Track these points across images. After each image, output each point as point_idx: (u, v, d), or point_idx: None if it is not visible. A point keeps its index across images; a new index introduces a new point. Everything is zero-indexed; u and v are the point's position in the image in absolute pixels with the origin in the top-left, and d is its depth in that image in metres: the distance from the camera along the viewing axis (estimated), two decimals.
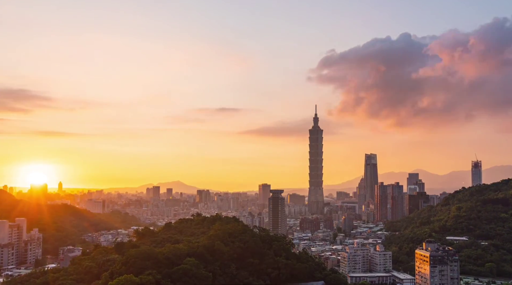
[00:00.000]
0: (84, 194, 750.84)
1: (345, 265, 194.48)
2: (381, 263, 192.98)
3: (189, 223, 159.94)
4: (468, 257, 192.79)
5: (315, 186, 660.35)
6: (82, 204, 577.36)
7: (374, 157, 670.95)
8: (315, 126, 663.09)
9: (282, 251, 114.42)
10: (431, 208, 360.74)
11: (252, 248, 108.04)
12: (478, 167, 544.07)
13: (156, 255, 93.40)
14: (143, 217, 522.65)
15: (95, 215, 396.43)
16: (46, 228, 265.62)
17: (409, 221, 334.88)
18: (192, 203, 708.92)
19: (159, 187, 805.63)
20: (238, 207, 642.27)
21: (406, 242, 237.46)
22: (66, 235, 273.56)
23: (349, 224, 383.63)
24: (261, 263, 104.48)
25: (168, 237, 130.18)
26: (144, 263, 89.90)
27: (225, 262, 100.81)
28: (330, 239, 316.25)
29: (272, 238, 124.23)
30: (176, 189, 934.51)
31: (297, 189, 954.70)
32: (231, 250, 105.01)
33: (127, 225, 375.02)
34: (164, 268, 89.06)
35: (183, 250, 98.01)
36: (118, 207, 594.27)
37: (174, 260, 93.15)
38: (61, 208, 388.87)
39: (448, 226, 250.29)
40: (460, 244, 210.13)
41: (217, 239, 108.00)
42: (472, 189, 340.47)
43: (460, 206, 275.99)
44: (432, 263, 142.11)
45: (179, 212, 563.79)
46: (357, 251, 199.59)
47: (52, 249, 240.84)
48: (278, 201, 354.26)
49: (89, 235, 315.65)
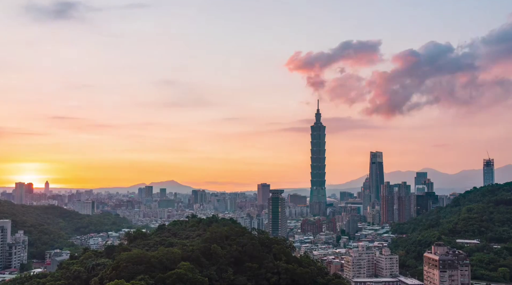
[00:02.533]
0: (72, 194, 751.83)
1: (349, 269, 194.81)
2: (387, 268, 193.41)
3: (183, 225, 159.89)
4: (480, 261, 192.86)
5: (317, 186, 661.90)
6: (70, 204, 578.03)
7: (380, 154, 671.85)
8: (317, 122, 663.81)
9: (282, 255, 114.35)
10: (440, 209, 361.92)
11: (250, 252, 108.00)
12: (490, 165, 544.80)
13: (149, 259, 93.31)
14: (135, 218, 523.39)
15: (84, 217, 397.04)
16: (32, 230, 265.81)
17: (416, 223, 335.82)
18: (187, 203, 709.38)
19: (152, 186, 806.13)
20: (235, 208, 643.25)
21: (413, 245, 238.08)
22: (53, 238, 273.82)
23: (353, 226, 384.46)
24: (260, 268, 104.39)
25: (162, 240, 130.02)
26: (136, 268, 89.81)
27: (222, 267, 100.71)
28: (333, 242, 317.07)
29: (271, 241, 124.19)
30: (170, 189, 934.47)
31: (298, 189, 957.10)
32: (228, 253, 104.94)
33: (118, 227, 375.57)
34: (157, 273, 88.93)
35: (177, 254, 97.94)
36: (108, 208, 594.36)
37: (168, 264, 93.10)
38: (47, 209, 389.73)
39: (459, 228, 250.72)
40: (471, 248, 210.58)
41: (214, 242, 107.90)
42: (483, 189, 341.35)
43: (471, 207, 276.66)
44: (442, 268, 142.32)
45: (173, 213, 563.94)
46: (362, 255, 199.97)
47: (38, 252, 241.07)
48: (278, 201, 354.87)
49: (78, 237, 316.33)
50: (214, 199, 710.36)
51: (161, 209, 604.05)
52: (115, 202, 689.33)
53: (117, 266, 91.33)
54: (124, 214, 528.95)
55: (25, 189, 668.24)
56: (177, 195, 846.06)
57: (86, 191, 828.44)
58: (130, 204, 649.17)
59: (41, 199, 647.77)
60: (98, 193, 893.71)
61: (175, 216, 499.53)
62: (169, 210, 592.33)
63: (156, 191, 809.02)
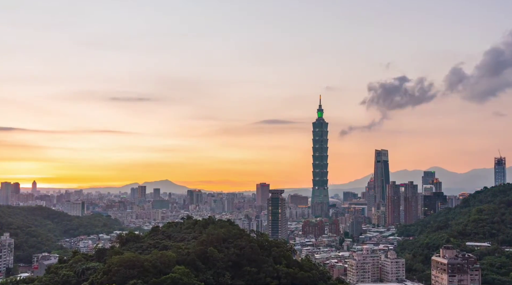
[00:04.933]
0: (61, 195, 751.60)
1: (353, 274, 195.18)
2: (393, 272, 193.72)
3: (178, 227, 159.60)
4: (491, 265, 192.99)
5: (319, 186, 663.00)
6: (59, 205, 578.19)
7: (386, 153, 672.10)
8: (319, 118, 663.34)
9: (282, 258, 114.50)
10: (449, 210, 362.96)
11: (249, 255, 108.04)
12: (502, 164, 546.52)
13: (142, 262, 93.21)
14: (127, 220, 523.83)
15: (73, 218, 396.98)
16: (18, 232, 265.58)
17: (424, 225, 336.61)
18: (182, 204, 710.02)
19: (145, 186, 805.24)
20: (233, 209, 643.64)
21: (421, 248, 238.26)
22: (41, 241, 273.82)
23: (357, 228, 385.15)
24: (259, 272, 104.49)
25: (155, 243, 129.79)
26: (128, 272, 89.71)
27: (219, 271, 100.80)
28: (336, 245, 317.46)
29: (271, 244, 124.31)
30: (164, 189, 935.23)
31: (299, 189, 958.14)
32: (226, 257, 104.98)
33: (109, 229, 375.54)
34: (151, 277, 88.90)
35: (171, 257, 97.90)
36: (99, 208, 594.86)
37: (162, 268, 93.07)
38: (35, 210, 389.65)
39: (468, 231, 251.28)
40: (481, 251, 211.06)
41: (210, 245, 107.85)
42: (495, 189, 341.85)
43: (481, 208, 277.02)
44: (450, 272, 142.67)
45: (167, 214, 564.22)
46: (366, 258, 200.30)
47: (25, 256, 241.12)
48: (278, 202, 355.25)
49: (67, 240, 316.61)
50: (211, 200, 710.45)
51: (155, 210, 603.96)
52: (106, 202, 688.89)
53: (108, 270, 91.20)
54: (115, 215, 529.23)
55: (11, 189, 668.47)
56: (171, 195, 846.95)
57: (76, 191, 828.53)
58: (122, 204, 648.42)
59: (28, 200, 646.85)
60: (89, 193, 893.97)
61: (170, 217, 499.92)
62: (163, 211, 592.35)
63: (149, 191, 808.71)
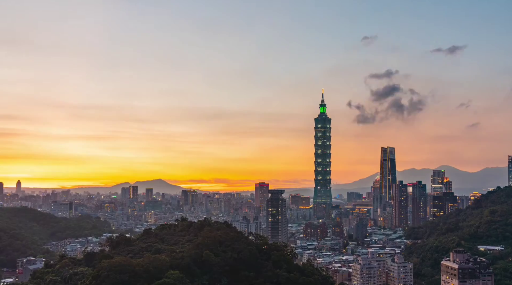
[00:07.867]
0: (48, 195, 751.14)
1: (357, 279, 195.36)
2: (400, 277, 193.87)
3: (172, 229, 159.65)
4: (504, 270, 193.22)
5: (321, 186, 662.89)
6: (45, 206, 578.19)
7: (392, 151, 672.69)
8: (322, 114, 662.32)
9: (282, 263, 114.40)
10: (460, 211, 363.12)
11: (247, 259, 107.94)
12: None
13: (133, 267, 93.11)
14: (118, 222, 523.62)
15: (60, 220, 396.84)
16: (1, 235, 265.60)
17: (433, 227, 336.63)
18: (176, 205, 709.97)
19: (137, 186, 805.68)
20: (230, 210, 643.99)
21: (429, 252, 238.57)
22: (26, 244, 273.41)
23: (362, 230, 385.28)
24: (257, 277, 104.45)
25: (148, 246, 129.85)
26: (118, 277, 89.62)
27: (215, 276, 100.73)
28: (339, 248, 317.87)
29: (271, 247, 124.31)
30: (157, 189, 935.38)
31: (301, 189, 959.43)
32: (222, 261, 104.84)
33: (99, 231, 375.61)
34: (143, 283, 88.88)
35: (165, 262, 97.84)
36: (88, 210, 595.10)
37: (155, 273, 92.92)
38: (19, 211, 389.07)
39: (480, 233, 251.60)
40: (494, 255, 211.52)
41: (206, 248, 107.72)
42: (508, 189, 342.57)
43: (494, 209, 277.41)
44: (461, 277, 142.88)
45: (160, 216, 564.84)
46: (372, 263, 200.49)
47: (9, 260, 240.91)
48: (278, 202, 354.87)
49: (53, 243, 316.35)
50: (206, 200, 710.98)
51: (147, 211, 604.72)
52: (95, 203, 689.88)
53: (98, 275, 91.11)
54: (105, 217, 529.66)
55: None
56: (165, 196, 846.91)
57: (63, 191, 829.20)
58: (112, 205, 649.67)
59: (13, 200, 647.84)
60: (77, 194, 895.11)
61: (163, 219, 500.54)
62: (156, 213, 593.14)
63: (141, 191, 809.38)
